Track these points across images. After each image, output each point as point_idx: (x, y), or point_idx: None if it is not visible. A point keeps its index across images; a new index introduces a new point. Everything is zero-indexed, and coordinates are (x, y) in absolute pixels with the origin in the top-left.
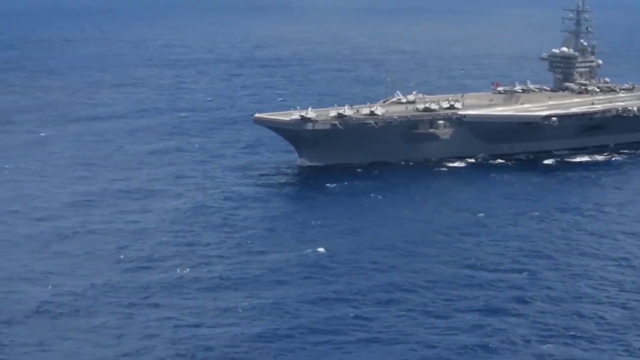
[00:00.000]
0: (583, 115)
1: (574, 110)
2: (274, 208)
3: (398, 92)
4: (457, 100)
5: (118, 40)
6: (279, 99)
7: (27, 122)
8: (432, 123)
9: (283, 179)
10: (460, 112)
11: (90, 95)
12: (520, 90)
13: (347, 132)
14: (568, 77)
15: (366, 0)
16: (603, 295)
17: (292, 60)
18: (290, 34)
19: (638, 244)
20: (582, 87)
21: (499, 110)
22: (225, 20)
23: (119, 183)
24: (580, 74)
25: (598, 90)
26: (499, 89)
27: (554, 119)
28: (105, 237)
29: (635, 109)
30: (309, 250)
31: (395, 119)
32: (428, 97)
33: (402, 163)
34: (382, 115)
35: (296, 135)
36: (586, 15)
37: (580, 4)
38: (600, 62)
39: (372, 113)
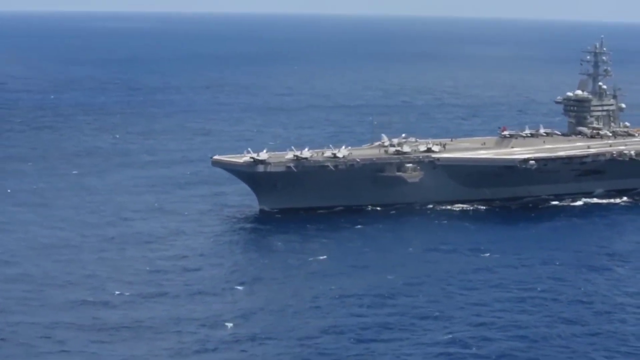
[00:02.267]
0: (569, 159)
1: (560, 154)
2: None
3: (383, 135)
4: (440, 144)
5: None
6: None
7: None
8: (400, 166)
9: (238, 225)
10: (433, 156)
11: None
12: (529, 135)
13: (305, 175)
14: (581, 121)
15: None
16: None
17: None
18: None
19: None
20: (595, 131)
21: (477, 154)
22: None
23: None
24: (597, 118)
25: (610, 134)
26: (505, 133)
27: (531, 162)
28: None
29: (632, 152)
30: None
31: (357, 161)
32: (420, 141)
33: (369, 208)
34: (345, 157)
35: (251, 178)
36: (604, 57)
37: (598, 46)
38: (623, 105)
39: (334, 155)
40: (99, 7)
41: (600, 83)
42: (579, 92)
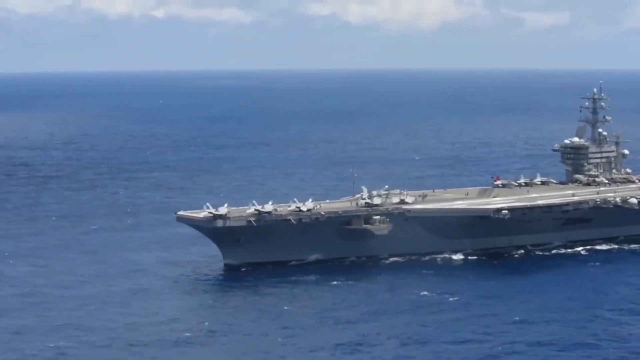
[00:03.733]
0: (549, 207)
1: (540, 202)
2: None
3: (363, 187)
4: (420, 195)
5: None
6: None
7: None
8: (367, 219)
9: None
10: (404, 207)
11: None
12: (524, 184)
13: (268, 229)
14: (578, 168)
15: None
16: None
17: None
18: None
19: None
20: (591, 178)
21: (450, 204)
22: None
23: None
24: (597, 165)
25: (607, 181)
26: (497, 182)
27: (504, 212)
28: None
29: (618, 200)
30: None
31: (322, 214)
32: (395, 192)
33: (337, 261)
34: (309, 211)
35: (213, 233)
36: (602, 103)
37: (597, 91)
38: (626, 152)
39: (297, 209)
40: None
41: (600, 130)
42: (575, 139)
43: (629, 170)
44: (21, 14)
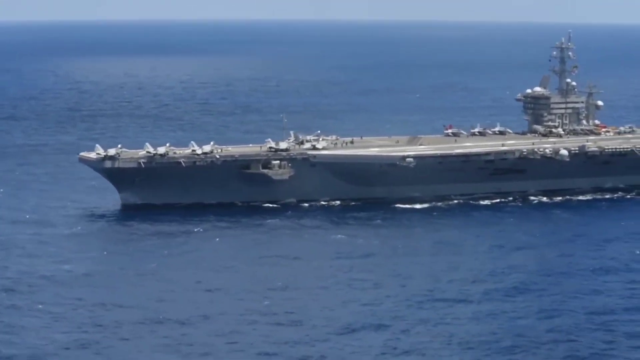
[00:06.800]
0: (465, 156)
1: (457, 151)
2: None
3: (291, 132)
4: (345, 142)
5: None
6: None
7: None
8: (266, 163)
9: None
10: (309, 152)
11: None
12: (477, 133)
13: (162, 171)
14: (538, 118)
15: None
16: None
17: None
18: None
19: None
20: (547, 129)
21: (359, 151)
22: None
23: None
24: (562, 116)
25: (563, 132)
26: (448, 131)
27: (409, 159)
28: None
29: (547, 151)
30: None
31: (217, 158)
32: (328, 138)
33: (239, 204)
34: (205, 154)
35: (106, 173)
36: (570, 53)
37: (564, 41)
38: (600, 103)
39: (193, 152)
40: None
41: (568, 80)
42: (537, 89)
43: (597, 122)
44: None
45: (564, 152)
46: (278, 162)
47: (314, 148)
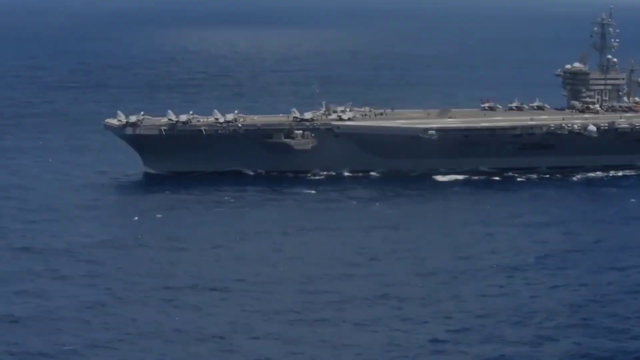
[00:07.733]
0: (491, 130)
1: (483, 124)
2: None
3: (324, 102)
4: (375, 113)
5: None
6: None
7: None
8: (289, 133)
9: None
10: (333, 123)
11: None
12: (514, 107)
13: (183, 139)
14: (576, 94)
15: None
16: None
17: None
18: None
19: None
20: (584, 105)
21: (382, 123)
22: None
23: None
24: (601, 92)
25: (600, 108)
26: (485, 105)
27: (431, 132)
28: None
29: (575, 126)
30: None
31: (239, 127)
32: (358, 110)
33: (262, 172)
34: (228, 123)
35: (130, 140)
36: (610, 29)
37: (605, 16)
38: None
39: (215, 120)
40: None
41: (609, 56)
42: (577, 64)
43: (637, 99)
44: None
45: (592, 127)
46: (301, 132)
47: (340, 119)
